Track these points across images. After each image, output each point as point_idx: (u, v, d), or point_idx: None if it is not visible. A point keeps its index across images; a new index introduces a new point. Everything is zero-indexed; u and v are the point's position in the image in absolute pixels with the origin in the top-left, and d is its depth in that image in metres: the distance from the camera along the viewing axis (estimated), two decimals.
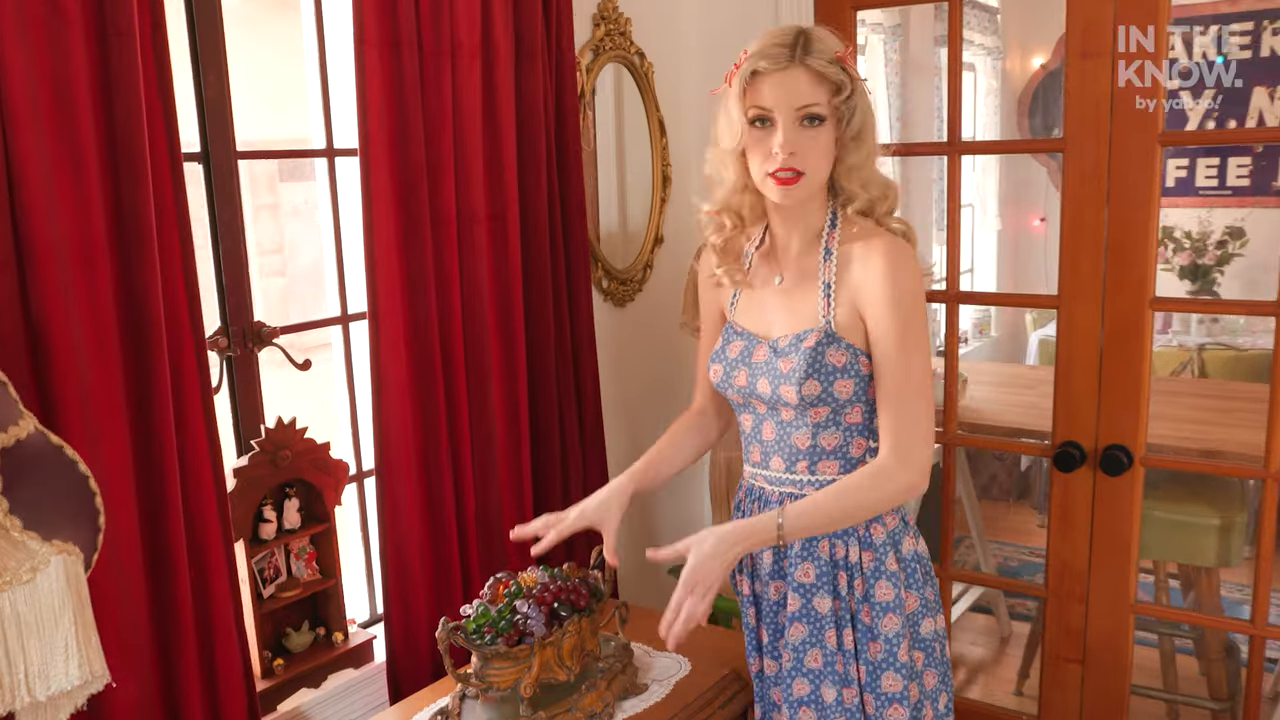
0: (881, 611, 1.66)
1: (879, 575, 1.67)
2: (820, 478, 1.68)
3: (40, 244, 1.51)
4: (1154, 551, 2.92)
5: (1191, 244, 5.13)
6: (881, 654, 1.66)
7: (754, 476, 1.78)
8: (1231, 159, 5.56)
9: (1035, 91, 6.02)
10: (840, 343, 1.62)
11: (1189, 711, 3.05)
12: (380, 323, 2.06)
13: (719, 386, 1.78)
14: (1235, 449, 2.79)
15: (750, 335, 1.74)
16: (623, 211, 2.86)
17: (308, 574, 2.14)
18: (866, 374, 1.64)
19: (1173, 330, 4.98)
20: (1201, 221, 5.24)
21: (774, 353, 1.68)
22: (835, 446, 1.67)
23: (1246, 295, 5.23)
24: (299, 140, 3.70)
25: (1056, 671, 2.64)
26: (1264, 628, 2.40)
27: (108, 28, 1.57)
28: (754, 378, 1.70)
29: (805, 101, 1.56)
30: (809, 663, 1.68)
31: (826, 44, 1.58)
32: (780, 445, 1.71)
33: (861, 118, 1.59)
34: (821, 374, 1.62)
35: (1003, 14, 5.90)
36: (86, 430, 1.58)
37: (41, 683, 1.25)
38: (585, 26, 2.62)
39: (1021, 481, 5.02)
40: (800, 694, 1.69)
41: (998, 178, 6.00)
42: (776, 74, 1.56)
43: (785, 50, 1.56)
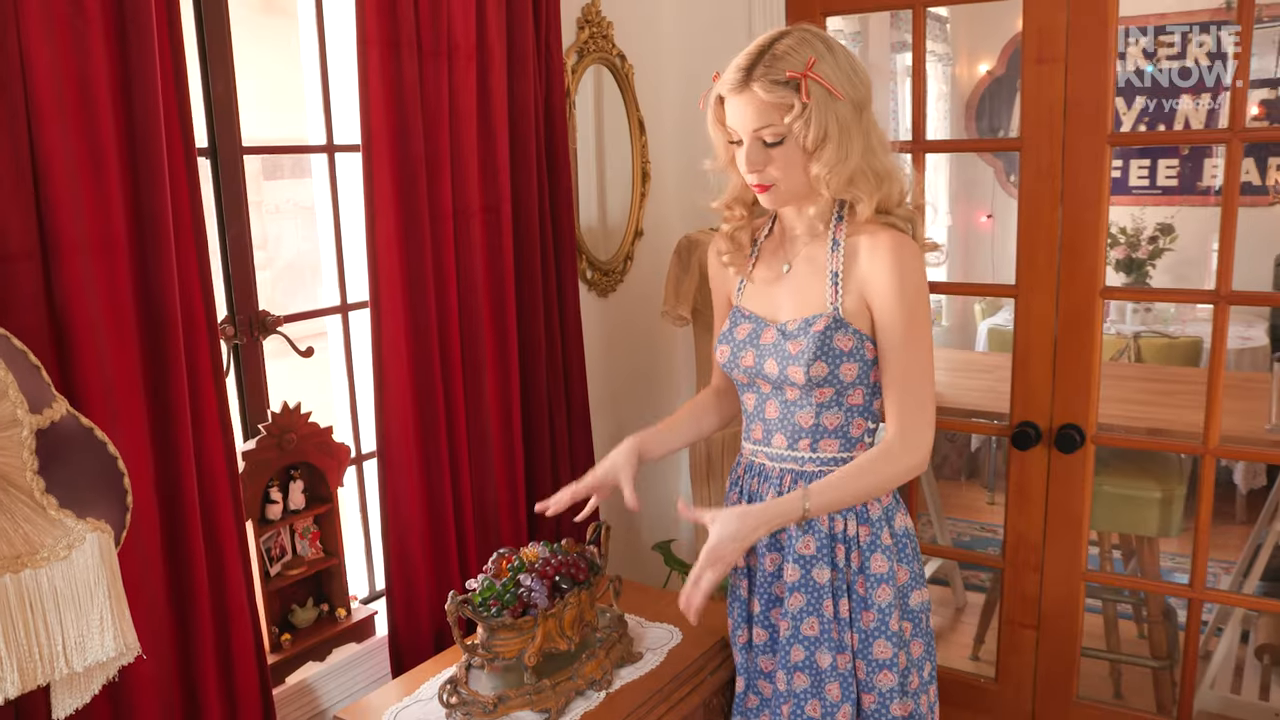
0: (876, 583, 1.68)
1: (874, 548, 1.69)
2: (821, 455, 1.70)
3: (64, 237, 1.49)
4: (1102, 523, 2.99)
5: (1126, 239, 5.24)
6: (874, 623, 1.68)
7: (755, 453, 1.78)
8: (1161, 160, 5.69)
9: (982, 96, 6.11)
10: (847, 328, 1.63)
11: (1130, 670, 3.13)
12: (382, 312, 2.06)
13: (725, 366, 1.78)
14: (1175, 427, 2.87)
15: (758, 318, 1.75)
16: (603, 206, 2.87)
17: (312, 553, 2.13)
18: (870, 359, 1.65)
19: (1110, 319, 5.08)
20: (1135, 219, 5.35)
21: (782, 335, 1.68)
22: (837, 426, 1.69)
23: (1175, 286, 5.38)
24: (292, 139, 3.67)
25: (1013, 636, 2.70)
26: (1202, 591, 2.47)
27: (127, 25, 1.55)
28: (761, 358, 1.71)
29: (756, 125, 1.57)
30: (805, 630, 1.70)
31: (785, 62, 1.54)
32: (784, 423, 1.71)
33: (819, 130, 1.54)
34: (829, 357, 1.63)
35: (952, 23, 5.98)
36: (107, 414, 1.56)
37: (79, 655, 1.24)
38: (570, 29, 2.62)
39: (971, 461, 5.11)
40: (796, 660, 1.70)
41: (948, 177, 6.08)
42: (735, 98, 1.58)
43: (742, 74, 1.56)
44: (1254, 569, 3.11)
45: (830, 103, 1.55)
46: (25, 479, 1.21)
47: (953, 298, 5.95)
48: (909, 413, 1.64)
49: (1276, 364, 2.83)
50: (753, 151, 1.59)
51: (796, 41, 1.57)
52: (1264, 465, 4.45)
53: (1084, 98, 2.37)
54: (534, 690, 1.68)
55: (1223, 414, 2.35)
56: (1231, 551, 3.92)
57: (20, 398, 1.20)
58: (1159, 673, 2.90)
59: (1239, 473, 4.48)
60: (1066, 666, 2.64)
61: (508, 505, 2.36)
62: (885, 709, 1.70)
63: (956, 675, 2.88)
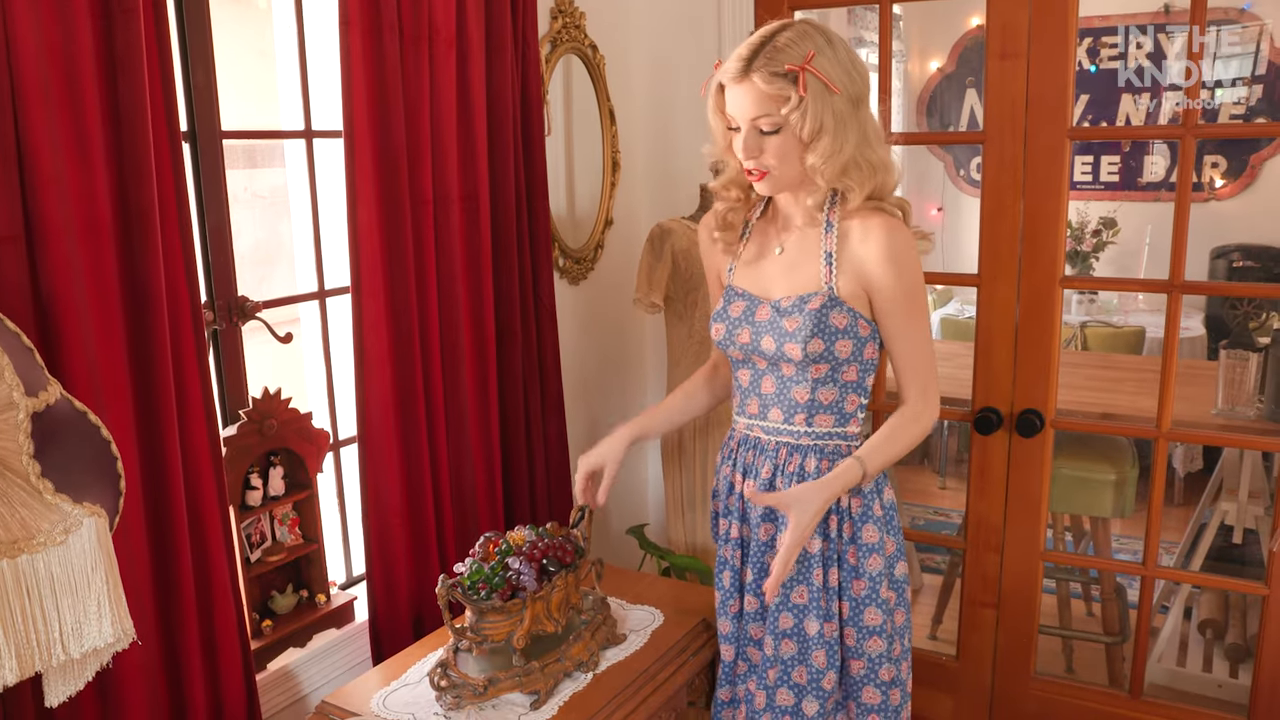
0: (867, 552, 1.72)
1: (866, 519, 1.72)
2: (816, 429, 1.72)
3: (49, 221, 1.46)
4: (1059, 505, 3.06)
5: (1071, 233, 5.35)
6: (865, 591, 1.72)
7: (750, 428, 1.80)
8: (1104, 156, 5.81)
9: (933, 92, 6.19)
10: (842, 306, 1.67)
11: (1081, 646, 3.21)
12: (363, 298, 2.03)
13: (720, 343, 1.80)
14: (1127, 412, 2.94)
15: (751, 296, 1.76)
16: (572, 195, 2.86)
17: (291, 539, 2.10)
18: (864, 336, 1.69)
19: None
20: (1079, 213, 5.47)
21: (777, 312, 1.71)
22: (831, 401, 1.72)
23: (1118, 277, 5.52)
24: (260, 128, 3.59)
25: (973, 615, 2.75)
26: (1154, 569, 2.55)
27: (113, 9, 1.51)
28: (757, 335, 1.73)
29: (754, 114, 1.60)
30: (794, 598, 1.73)
31: (785, 55, 1.57)
32: (780, 398, 1.74)
33: (815, 123, 1.58)
34: (825, 334, 1.66)
35: (904, 20, 6.04)
36: (93, 399, 1.52)
37: (75, 641, 1.21)
38: (544, 19, 2.61)
39: (924, 447, 5.18)
40: (784, 627, 1.74)
41: (901, 170, 6.14)
42: (734, 86, 1.61)
43: (743, 64, 1.59)
44: (1198, 548, 3.20)
45: (827, 96, 1.58)
46: (21, 463, 1.18)
47: None
48: (922, 378, 1.73)
49: (1223, 352, 2.91)
50: (749, 139, 1.62)
51: (798, 35, 1.59)
52: (1200, 450, 4.59)
53: (1045, 92, 2.42)
54: (523, 672, 1.68)
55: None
56: (1171, 533, 4.03)
57: (16, 380, 1.17)
58: (1111, 648, 2.98)
59: (1178, 457, 4.61)
60: (1025, 644, 2.70)
61: (485, 490, 2.35)
62: (875, 673, 1.74)
63: (919, 654, 2.93)
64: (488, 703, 1.66)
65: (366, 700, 1.72)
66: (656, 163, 3.07)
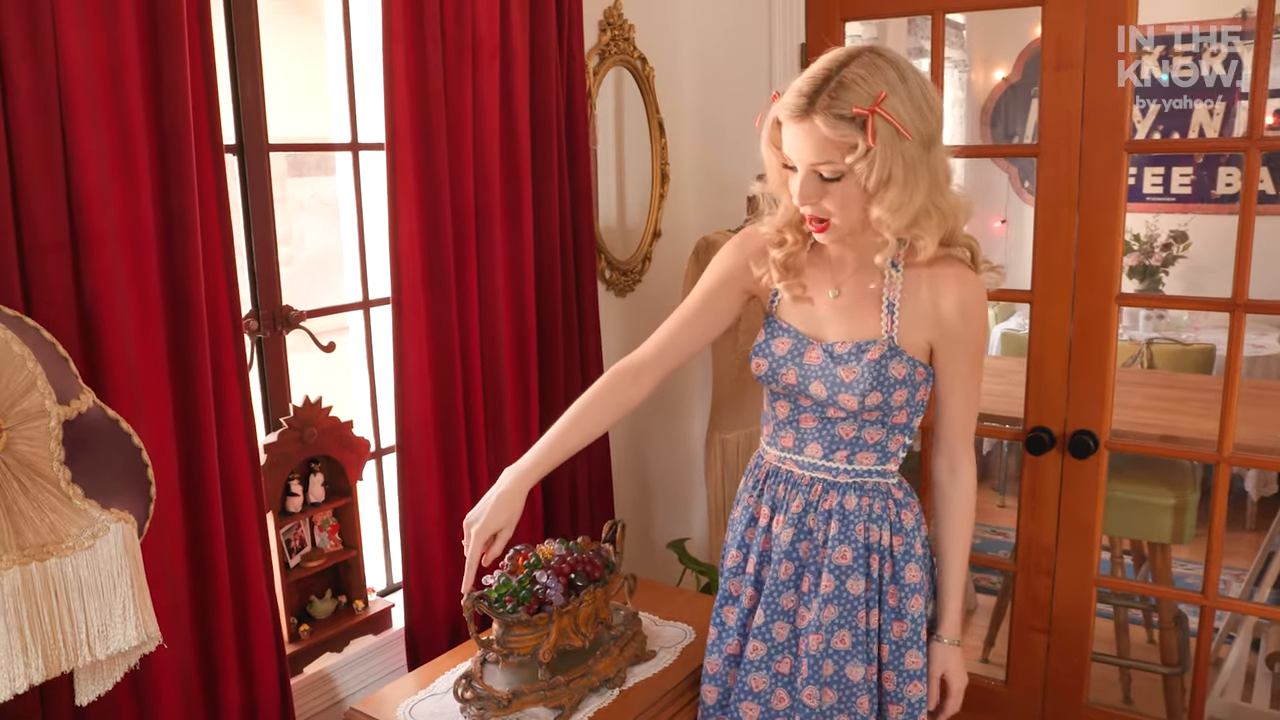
0: (909, 593, 1.63)
1: (908, 559, 1.63)
2: (857, 467, 1.63)
3: (94, 230, 1.49)
4: (1115, 528, 2.96)
5: (1140, 246, 5.19)
6: (907, 633, 1.63)
7: (782, 460, 1.69)
8: (1175, 168, 5.64)
9: (998, 103, 6.07)
10: (902, 356, 1.56)
11: (1140, 675, 3.10)
12: (403, 309, 2.05)
13: (762, 378, 1.67)
14: (1188, 434, 2.84)
15: (799, 334, 1.63)
16: (622, 206, 2.86)
17: (331, 545, 2.13)
18: (919, 381, 1.59)
19: (1123, 325, 5.04)
20: (1149, 225, 5.31)
21: (831, 358, 1.58)
22: (877, 441, 1.62)
23: (1188, 293, 5.33)
24: (318, 137, 3.66)
25: (1024, 640, 2.67)
26: (1214, 599, 2.44)
27: (159, 25, 1.55)
28: (805, 379, 1.61)
29: (815, 160, 1.43)
30: (836, 644, 1.63)
31: (852, 94, 1.38)
32: (821, 434, 1.64)
33: (883, 173, 1.39)
34: (884, 386, 1.55)
35: (968, 29, 5.94)
36: (133, 404, 1.56)
37: (102, 642, 1.24)
38: (592, 31, 2.61)
39: (983, 465, 5.07)
40: (826, 674, 1.63)
41: (962, 182, 6.03)
42: (794, 124, 1.43)
43: (804, 100, 1.40)
44: (1266, 577, 3.07)
45: (898, 142, 1.39)
46: (52, 469, 1.21)
47: None
48: (972, 432, 1.66)
49: None
50: (808, 184, 1.45)
51: (867, 70, 1.40)
52: (1276, 474, 4.41)
53: (1102, 104, 2.35)
54: (548, 686, 1.67)
55: (1237, 422, 2.32)
56: (1242, 559, 3.88)
57: (49, 389, 1.20)
58: (1170, 679, 2.87)
59: (1250, 480, 4.44)
60: (1077, 671, 2.61)
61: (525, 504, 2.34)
62: (914, 718, 1.66)
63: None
64: (511, 716, 1.65)
65: (394, 708, 1.72)
66: (705, 174, 3.05)
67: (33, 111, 1.42)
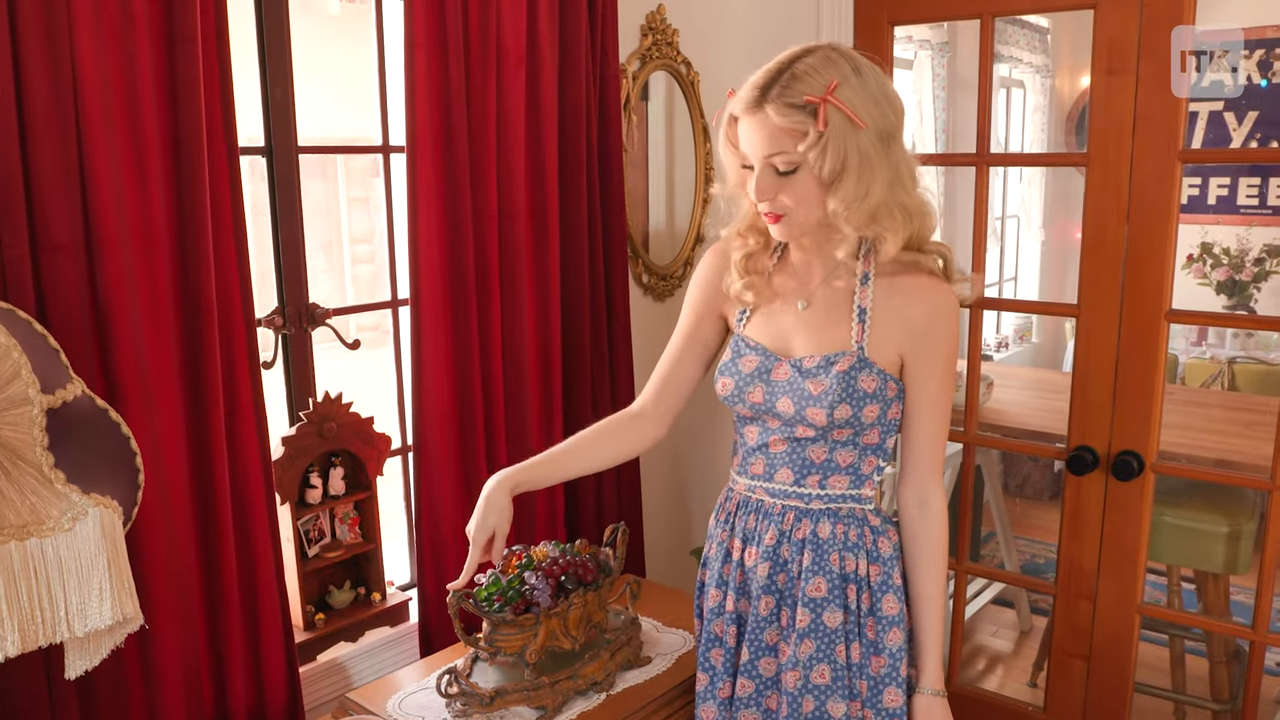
0: (887, 626, 1.56)
1: (886, 589, 1.56)
2: (829, 492, 1.57)
3: (107, 231, 1.55)
4: (1164, 555, 2.81)
5: (1230, 260, 4.92)
6: (885, 669, 1.56)
7: (752, 489, 1.63)
8: (1273, 179, 5.32)
9: (1083, 109, 5.83)
10: (871, 368, 1.51)
11: (1193, 710, 2.93)
12: (421, 310, 2.08)
13: (727, 399, 1.62)
14: (1249, 460, 2.67)
15: (765, 350, 1.58)
16: (670, 210, 2.85)
17: (350, 537, 2.17)
18: (891, 397, 1.53)
19: (1207, 343, 4.78)
20: (1240, 239, 5.03)
21: (799, 372, 1.54)
22: (849, 464, 1.56)
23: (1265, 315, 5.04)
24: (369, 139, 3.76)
25: (1063, 667, 2.56)
26: (1264, 634, 2.30)
27: (175, 35, 1.61)
28: (772, 395, 1.55)
29: (768, 151, 1.42)
30: (815, 679, 1.55)
31: (804, 84, 1.38)
32: (791, 458, 1.57)
33: (836, 161, 1.39)
34: (853, 399, 1.50)
35: (1052, 34, 5.72)
36: (143, 398, 1.62)
37: (80, 620, 1.29)
38: (634, 36, 2.61)
39: (1055, 482, 4.88)
40: (807, 711, 1.56)
41: (1042, 190, 5.83)
42: (748, 119, 1.43)
43: (757, 93, 1.41)
44: None
45: (851, 131, 1.39)
46: (35, 454, 1.26)
47: (1044, 316, 5.70)
48: (942, 456, 1.57)
49: None
50: (763, 178, 1.44)
51: (820, 61, 1.41)
52: None
53: (1155, 111, 2.23)
54: (532, 687, 1.67)
55: None
56: None
57: (33, 379, 1.26)
58: (1219, 715, 2.71)
59: None
60: (1118, 701, 2.49)
61: (544, 504, 2.35)
62: None
63: (1006, 703, 2.76)
64: (495, 714, 1.66)
65: (387, 699, 1.75)
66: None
67: (49, 117, 1.48)
